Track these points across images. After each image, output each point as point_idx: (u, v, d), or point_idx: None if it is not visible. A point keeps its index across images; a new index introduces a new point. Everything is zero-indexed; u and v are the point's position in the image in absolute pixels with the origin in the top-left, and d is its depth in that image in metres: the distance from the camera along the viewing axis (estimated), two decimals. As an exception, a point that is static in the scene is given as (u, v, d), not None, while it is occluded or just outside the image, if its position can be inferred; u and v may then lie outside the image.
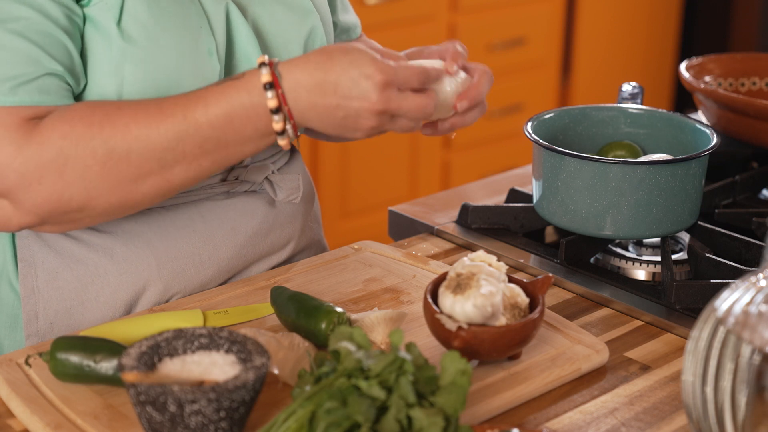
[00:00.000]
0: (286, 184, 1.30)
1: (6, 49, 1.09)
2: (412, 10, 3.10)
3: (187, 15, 1.17)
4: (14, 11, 1.09)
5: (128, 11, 1.14)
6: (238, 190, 1.30)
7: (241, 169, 1.29)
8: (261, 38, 1.24)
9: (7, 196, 1.10)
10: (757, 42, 3.84)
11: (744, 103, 1.56)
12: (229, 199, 1.29)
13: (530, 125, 1.37)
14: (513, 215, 1.44)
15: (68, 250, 1.22)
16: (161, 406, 0.93)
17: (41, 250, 1.22)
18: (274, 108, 1.10)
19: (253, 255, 1.30)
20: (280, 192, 1.30)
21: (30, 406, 1.01)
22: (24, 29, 1.10)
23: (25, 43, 1.10)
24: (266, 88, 1.09)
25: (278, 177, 1.31)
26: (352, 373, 0.92)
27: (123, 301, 1.23)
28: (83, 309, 1.23)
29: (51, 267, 1.22)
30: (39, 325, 1.22)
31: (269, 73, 1.09)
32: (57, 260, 1.22)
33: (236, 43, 1.21)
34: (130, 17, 1.14)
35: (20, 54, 1.09)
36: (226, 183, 1.28)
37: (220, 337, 1.01)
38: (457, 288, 1.05)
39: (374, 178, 3.13)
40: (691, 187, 1.31)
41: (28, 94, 1.10)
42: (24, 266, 1.22)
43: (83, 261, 1.22)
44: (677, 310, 1.23)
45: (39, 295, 1.22)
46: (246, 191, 1.31)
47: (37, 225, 1.13)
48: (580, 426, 1.03)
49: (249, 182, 1.30)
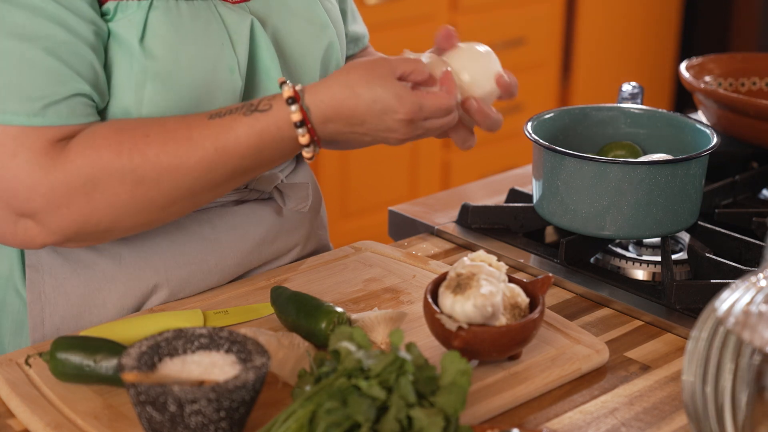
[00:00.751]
0: (295, 193, 1.30)
1: (36, 67, 1.08)
2: (412, 10, 3.10)
3: (209, 32, 1.16)
4: (45, 29, 1.08)
5: (151, 28, 1.13)
6: (247, 198, 1.30)
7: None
8: (280, 52, 1.24)
9: (32, 217, 1.10)
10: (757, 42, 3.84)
11: (744, 103, 1.56)
12: (238, 207, 1.29)
13: (530, 125, 1.37)
14: (513, 215, 1.44)
15: (76, 256, 1.22)
16: (161, 406, 0.93)
17: (49, 255, 1.21)
18: (305, 143, 1.14)
19: (258, 261, 1.30)
20: (289, 201, 1.30)
21: (30, 406, 1.01)
22: (55, 47, 1.09)
23: (56, 62, 1.09)
24: (297, 126, 1.12)
25: (287, 186, 1.31)
26: (352, 373, 0.92)
27: (130, 306, 1.23)
28: (90, 315, 1.22)
29: (58, 273, 1.21)
30: (45, 330, 1.21)
31: (299, 110, 1.12)
32: (65, 266, 1.22)
33: (258, 59, 1.21)
34: (153, 34, 1.13)
35: (51, 73, 1.09)
36: (237, 192, 1.28)
37: (220, 337, 1.01)
38: (457, 288, 1.05)
39: (374, 178, 3.13)
40: (691, 187, 1.31)
41: (57, 115, 1.09)
42: (31, 272, 1.21)
43: (91, 266, 1.22)
44: (677, 310, 1.23)
45: (46, 301, 1.21)
46: (255, 199, 1.31)
47: (61, 243, 1.13)
48: (580, 426, 1.03)
49: (258, 191, 1.30)
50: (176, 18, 1.15)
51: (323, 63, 1.28)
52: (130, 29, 1.13)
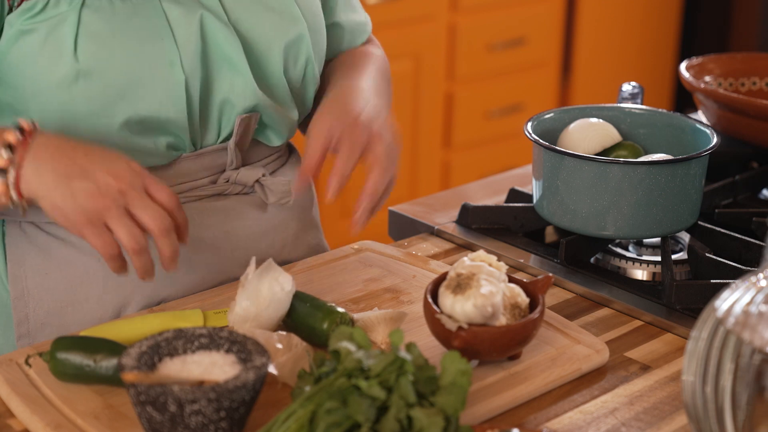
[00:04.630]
0: (277, 188, 1.30)
1: None
2: (412, 10, 3.10)
3: (147, 27, 1.18)
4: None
5: (84, 26, 1.15)
6: (229, 193, 1.30)
7: (232, 172, 1.28)
8: (244, 42, 1.24)
9: None
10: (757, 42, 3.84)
11: (744, 103, 1.56)
12: (220, 202, 1.28)
13: (530, 125, 1.37)
14: (513, 215, 1.44)
15: (57, 252, 1.22)
16: (161, 406, 0.93)
17: (30, 251, 1.22)
18: None
19: (245, 258, 1.30)
20: (272, 195, 1.30)
21: (30, 406, 1.01)
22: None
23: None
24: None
25: (269, 180, 1.30)
26: (352, 373, 0.92)
27: (112, 302, 1.23)
28: (73, 310, 1.23)
29: (40, 268, 1.22)
30: (30, 326, 1.22)
31: None
32: (46, 261, 1.22)
33: (216, 50, 1.22)
34: (85, 31, 1.14)
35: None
36: (217, 185, 1.28)
37: (220, 337, 1.01)
38: (457, 288, 1.05)
39: (374, 178, 3.12)
40: (691, 187, 1.31)
41: None
42: (13, 268, 1.22)
43: (72, 262, 1.22)
44: (677, 310, 1.23)
45: (29, 297, 1.22)
46: (237, 194, 1.30)
47: None
48: (580, 426, 1.03)
49: (240, 185, 1.30)
50: (109, 15, 1.16)
51: (290, 55, 1.28)
52: (62, 27, 1.14)
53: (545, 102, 3.52)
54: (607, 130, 1.38)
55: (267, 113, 1.27)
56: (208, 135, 1.26)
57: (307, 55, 1.30)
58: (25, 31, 1.15)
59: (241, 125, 1.25)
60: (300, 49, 1.29)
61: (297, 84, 1.31)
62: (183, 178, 1.26)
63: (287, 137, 1.34)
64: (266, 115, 1.28)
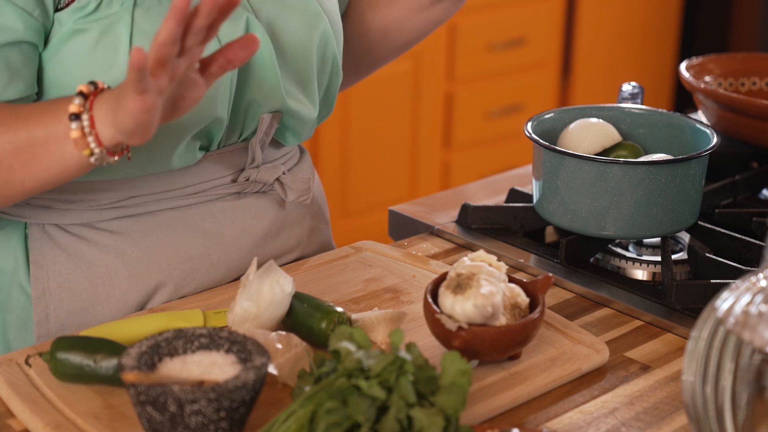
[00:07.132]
0: (296, 185, 1.31)
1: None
2: (412, 10, 3.10)
3: None
4: None
5: (138, 26, 1.13)
6: (249, 191, 1.30)
7: (252, 170, 1.29)
8: (276, 44, 1.24)
9: None
10: (757, 42, 3.84)
11: (744, 103, 1.56)
12: (240, 200, 1.29)
13: (530, 125, 1.37)
14: (513, 215, 1.44)
15: (79, 252, 1.22)
16: (161, 406, 0.93)
17: (53, 251, 1.22)
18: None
19: (262, 256, 1.30)
20: (291, 193, 1.31)
21: (30, 406, 1.01)
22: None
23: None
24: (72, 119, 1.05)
25: (289, 178, 1.31)
26: (352, 373, 0.92)
27: (134, 301, 1.24)
28: (94, 310, 1.23)
29: (62, 269, 1.22)
30: (50, 326, 1.22)
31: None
32: (68, 262, 1.22)
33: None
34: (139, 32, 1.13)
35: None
36: (237, 184, 1.29)
37: (220, 337, 1.01)
38: (457, 288, 1.05)
39: (374, 178, 3.13)
40: (691, 187, 1.31)
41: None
42: (36, 268, 1.22)
43: (94, 262, 1.22)
44: (677, 310, 1.23)
45: (50, 297, 1.22)
46: (257, 192, 1.31)
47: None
48: (580, 426, 1.03)
49: (260, 183, 1.30)
50: (160, 15, 1.15)
51: (319, 53, 1.28)
52: (117, 27, 1.13)
53: (545, 102, 3.52)
54: (607, 130, 1.38)
55: (290, 113, 1.27)
56: (233, 134, 1.26)
57: (333, 53, 1.30)
58: (78, 31, 1.14)
59: (265, 123, 1.25)
60: (327, 46, 1.29)
61: (324, 82, 1.32)
62: (205, 177, 1.26)
63: (305, 138, 1.34)
64: (288, 115, 1.28)
